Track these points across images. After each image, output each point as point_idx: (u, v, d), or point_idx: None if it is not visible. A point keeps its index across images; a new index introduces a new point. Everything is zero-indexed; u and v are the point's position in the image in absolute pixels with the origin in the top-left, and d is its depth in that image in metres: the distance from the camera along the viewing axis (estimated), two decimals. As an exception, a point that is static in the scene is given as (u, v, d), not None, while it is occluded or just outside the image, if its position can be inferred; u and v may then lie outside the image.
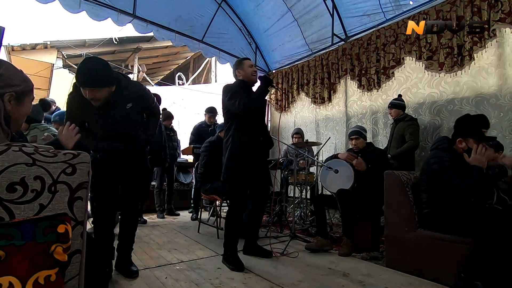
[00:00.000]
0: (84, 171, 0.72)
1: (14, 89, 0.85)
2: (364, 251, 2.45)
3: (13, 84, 0.86)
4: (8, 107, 0.84)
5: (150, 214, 4.07)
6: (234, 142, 2.15)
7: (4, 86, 0.83)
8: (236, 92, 2.14)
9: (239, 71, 2.30)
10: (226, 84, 2.30)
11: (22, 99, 0.89)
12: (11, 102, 0.85)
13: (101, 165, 1.73)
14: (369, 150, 2.79)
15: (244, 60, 2.32)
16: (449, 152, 1.97)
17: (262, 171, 2.29)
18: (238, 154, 2.14)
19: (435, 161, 1.96)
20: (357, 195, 2.58)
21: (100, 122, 1.69)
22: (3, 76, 0.84)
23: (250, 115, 2.15)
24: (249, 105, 2.07)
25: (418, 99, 3.42)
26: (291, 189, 3.98)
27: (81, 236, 0.71)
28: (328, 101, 4.49)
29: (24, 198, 0.65)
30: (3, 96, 0.83)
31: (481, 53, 2.91)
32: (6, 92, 0.84)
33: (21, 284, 0.54)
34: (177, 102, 8.27)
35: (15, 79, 0.87)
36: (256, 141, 2.20)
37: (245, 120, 2.16)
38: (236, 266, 2.01)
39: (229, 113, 2.21)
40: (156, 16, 4.05)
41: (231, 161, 2.15)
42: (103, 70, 1.55)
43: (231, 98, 2.12)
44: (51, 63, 7.62)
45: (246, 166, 2.13)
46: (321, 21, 4.26)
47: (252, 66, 2.29)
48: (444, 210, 1.90)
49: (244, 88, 2.22)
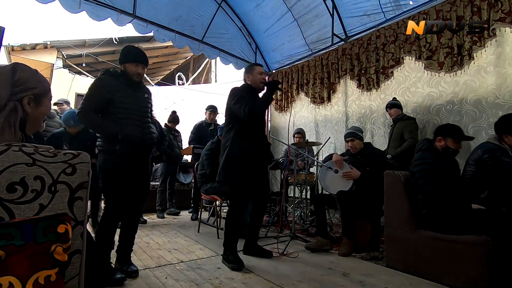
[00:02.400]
0: (84, 171, 0.72)
1: (32, 92, 0.85)
2: (364, 251, 2.45)
3: (30, 87, 0.85)
4: (28, 109, 0.84)
5: (150, 214, 4.07)
6: (233, 145, 2.16)
7: (22, 91, 0.83)
8: (242, 96, 2.16)
9: (248, 76, 2.31)
10: (233, 87, 2.31)
11: (40, 100, 0.88)
12: (30, 104, 0.85)
13: (118, 162, 1.82)
14: (367, 153, 2.76)
15: (256, 66, 2.32)
16: (431, 152, 2.10)
17: (260, 174, 2.30)
18: (235, 158, 2.15)
19: (418, 163, 2.08)
20: (357, 196, 2.57)
21: (127, 100, 1.87)
22: (20, 80, 0.83)
23: (253, 121, 2.17)
24: (254, 112, 2.09)
25: (417, 99, 3.42)
26: (291, 189, 3.98)
27: (81, 236, 0.71)
28: (327, 101, 4.49)
29: (24, 198, 0.65)
30: (21, 100, 0.83)
31: (481, 52, 2.91)
32: (24, 96, 0.83)
33: (21, 284, 0.54)
34: (177, 102, 8.27)
35: (32, 81, 0.86)
36: (254, 148, 2.19)
37: (246, 126, 2.17)
38: (236, 266, 2.02)
39: (232, 116, 2.22)
40: (156, 16, 4.05)
41: (227, 162, 2.17)
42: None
43: (237, 102, 2.13)
44: (51, 63, 7.62)
45: (242, 168, 2.14)
46: (321, 21, 4.26)
47: (262, 74, 2.30)
48: (440, 210, 1.92)
49: (250, 93, 2.23)
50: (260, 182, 2.31)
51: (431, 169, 2.01)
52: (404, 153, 3.04)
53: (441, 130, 2.14)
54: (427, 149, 2.13)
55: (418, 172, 2.06)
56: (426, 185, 2.00)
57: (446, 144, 2.07)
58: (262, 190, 2.36)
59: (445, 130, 2.13)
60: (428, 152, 2.11)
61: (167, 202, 4.25)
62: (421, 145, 2.22)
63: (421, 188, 2.02)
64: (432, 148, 2.13)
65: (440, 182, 1.98)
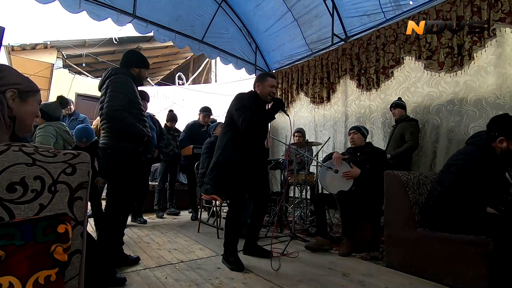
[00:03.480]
0: (84, 171, 0.72)
1: (16, 87, 0.87)
2: (364, 251, 2.45)
3: (14, 82, 0.88)
4: (11, 104, 0.86)
5: (150, 214, 4.07)
6: (223, 152, 2.18)
7: (5, 84, 0.86)
8: (245, 106, 2.14)
9: (258, 85, 2.27)
10: (240, 92, 2.30)
11: (26, 98, 0.90)
12: (14, 100, 0.87)
13: (134, 161, 1.93)
14: (368, 150, 2.78)
15: (269, 78, 2.27)
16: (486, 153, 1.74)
17: (256, 179, 2.30)
18: (223, 165, 2.20)
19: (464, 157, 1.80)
20: (357, 196, 2.57)
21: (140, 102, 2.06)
22: (3, 76, 0.86)
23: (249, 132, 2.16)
24: (251, 127, 2.09)
25: (416, 99, 3.42)
26: (291, 189, 3.98)
27: (81, 236, 0.71)
28: (327, 101, 4.49)
29: (24, 198, 0.65)
30: (4, 93, 0.85)
31: (481, 52, 2.91)
32: (8, 89, 0.86)
33: (21, 284, 0.54)
34: (177, 102, 8.27)
35: (16, 78, 0.89)
36: (243, 159, 2.16)
37: (242, 134, 2.15)
38: (236, 266, 2.01)
39: (232, 120, 2.20)
40: (156, 16, 4.05)
41: (214, 168, 2.26)
42: None
43: (238, 110, 2.12)
44: (51, 63, 7.62)
45: (229, 175, 2.18)
46: (321, 21, 4.26)
47: (272, 87, 2.25)
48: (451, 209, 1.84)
49: (255, 103, 2.21)
50: (257, 184, 2.31)
51: (474, 172, 1.72)
52: (403, 154, 3.04)
53: (505, 128, 1.70)
54: (483, 148, 1.77)
55: (458, 166, 1.78)
56: (455, 183, 1.78)
57: (508, 147, 1.69)
58: (261, 192, 2.36)
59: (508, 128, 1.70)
60: (483, 151, 1.75)
61: (167, 202, 4.25)
62: (477, 138, 1.86)
63: (445, 183, 1.79)
64: (489, 147, 1.75)
65: (472, 188, 1.76)
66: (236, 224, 2.17)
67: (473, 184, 1.75)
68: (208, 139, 3.42)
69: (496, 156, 1.73)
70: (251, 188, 2.28)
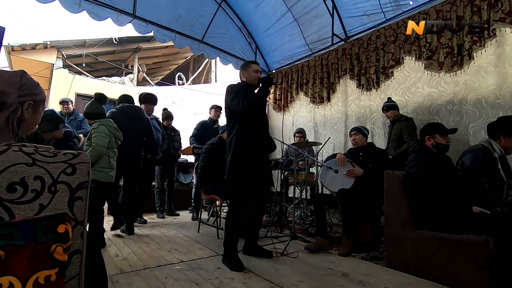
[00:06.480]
0: (84, 171, 0.72)
1: (33, 98, 0.89)
2: (364, 251, 2.45)
3: (33, 92, 0.89)
4: (25, 114, 0.88)
5: (150, 214, 4.07)
6: (238, 141, 2.18)
7: (26, 95, 0.87)
8: (238, 92, 2.18)
9: (243, 73, 2.34)
10: (230, 84, 2.33)
11: (38, 108, 0.92)
12: (28, 110, 0.88)
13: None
14: (370, 150, 2.79)
15: (251, 64, 2.36)
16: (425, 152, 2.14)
17: (264, 171, 2.30)
18: (243, 152, 2.16)
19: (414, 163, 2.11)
20: (357, 195, 2.57)
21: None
22: (25, 85, 0.87)
23: (252, 116, 2.18)
24: (252, 105, 2.10)
25: (417, 99, 3.42)
26: (291, 189, 3.98)
27: (81, 236, 0.71)
28: (327, 101, 4.48)
29: (24, 198, 0.65)
30: (23, 104, 0.86)
31: (481, 52, 2.91)
32: (27, 101, 0.87)
33: (21, 284, 0.54)
34: (177, 102, 8.26)
35: (34, 88, 0.90)
36: (258, 141, 2.23)
37: (247, 120, 2.19)
38: (236, 266, 2.01)
39: (232, 113, 2.24)
40: (156, 16, 4.04)
41: (235, 159, 2.17)
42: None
43: (234, 98, 2.15)
44: (51, 63, 7.61)
45: (250, 164, 2.15)
46: (321, 21, 4.26)
47: (257, 72, 2.31)
48: (439, 209, 1.92)
49: (246, 90, 2.26)
50: (263, 178, 2.29)
51: (427, 168, 2.03)
52: (403, 154, 3.03)
53: (426, 130, 2.22)
54: (420, 149, 2.19)
55: (415, 172, 2.07)
56: (424, 185, 2.01)
57: (435, 141, 2.14)
58: (264, 189, 2.36)
59: (429, 128, 2.22)
60: (421, 152, 2.16)
61: (165, 203, 4.23)
62: (413, 146, 2.28)
63: (420, 188, 2.03)
64: (424, 147, 2.18)
65: (437, 181, 2.00)
66: (236, 223, 2.17)
67: (435, 180, 2.00)
68: (210, 140, 3.40)
69: (432, 152, 2.15)
70: (256, 182, 2.25)
